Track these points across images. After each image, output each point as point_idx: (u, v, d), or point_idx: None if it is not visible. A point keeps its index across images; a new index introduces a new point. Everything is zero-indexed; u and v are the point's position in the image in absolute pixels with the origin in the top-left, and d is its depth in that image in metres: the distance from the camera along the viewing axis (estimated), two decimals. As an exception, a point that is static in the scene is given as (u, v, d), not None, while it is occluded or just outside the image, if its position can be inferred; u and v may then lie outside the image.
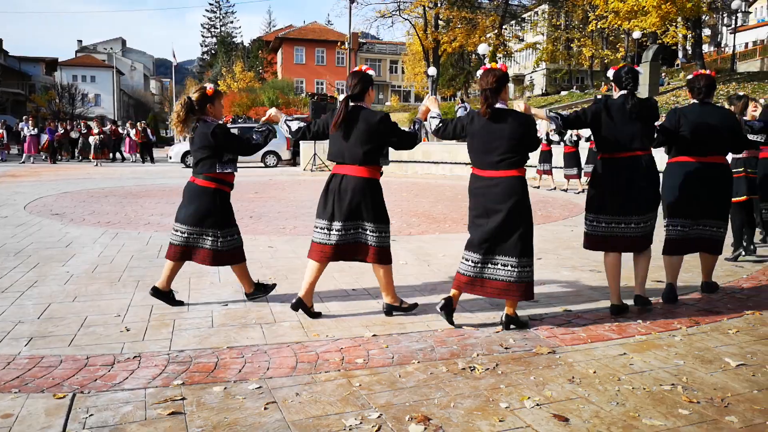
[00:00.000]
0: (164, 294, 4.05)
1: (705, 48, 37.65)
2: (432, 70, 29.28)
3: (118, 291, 4.44)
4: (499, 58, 41.04)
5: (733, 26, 30.44)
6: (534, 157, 12.77)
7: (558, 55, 41.74)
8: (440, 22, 36.29)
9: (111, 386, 2.75)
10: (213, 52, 69.18)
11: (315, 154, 18.64)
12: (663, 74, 27.66)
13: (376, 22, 50.18)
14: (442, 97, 46.42)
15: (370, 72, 3.91)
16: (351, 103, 3.77)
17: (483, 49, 25.00)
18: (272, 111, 4.19)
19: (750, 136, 4.71)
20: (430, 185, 14.07)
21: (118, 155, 25.28)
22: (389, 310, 3.93)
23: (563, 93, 36.82)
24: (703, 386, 2.82)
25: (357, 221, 3.73)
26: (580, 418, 2.50)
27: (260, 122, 4.19)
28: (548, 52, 41.34)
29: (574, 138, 12.39)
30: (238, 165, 4.11)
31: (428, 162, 18.12)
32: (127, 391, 2.71)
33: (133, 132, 24.29)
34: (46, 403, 2.57)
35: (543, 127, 10.96)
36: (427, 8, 35.41)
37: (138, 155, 24.40)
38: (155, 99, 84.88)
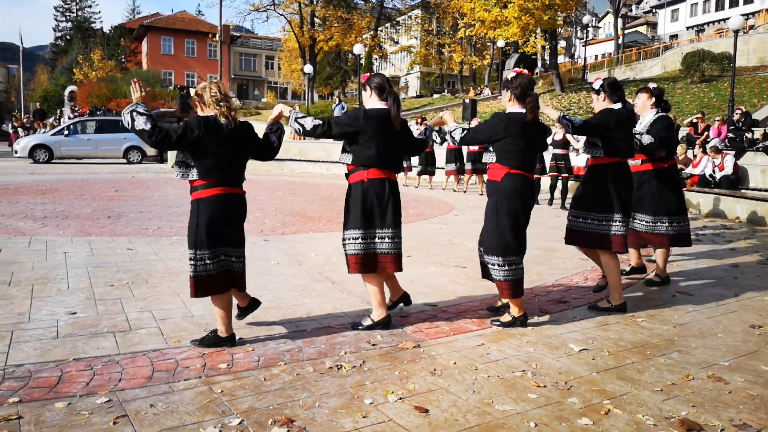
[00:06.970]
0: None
1: (561, 58, 40.98)
2: (308, 68, 29.10)
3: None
4: (376, 59, 41.92)
5: (584, 39, 33.48)
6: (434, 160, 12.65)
7: (430, 59, 43.39)
8: (316, 20, 36.17)
9: (-72, 412, 2.41)
10: (68, 37, 63.33)
11: (185, 150, 17.71)
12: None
13: (251, 16, 48.92)
14: (319, 95, 46.32)
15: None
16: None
17: (359, 49, 25.26)
18: (279, 107, 3.63)
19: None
20: (306, 184, 13.97)
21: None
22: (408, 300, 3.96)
23: (435, 96, 38.27)
24: (550, 371, 3.06)
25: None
26: (439, 408, 2.60)
27: (268, 122, 3.60)
28: (421, 55, 42.83)
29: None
30: (99, 161, 3.78)
31: (305, 160, 17.98)
32: (-51, 415, 2.39)
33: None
34: None
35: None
36: (302, 5, 35.12)
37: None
38: (-1, 87, 76.04)
